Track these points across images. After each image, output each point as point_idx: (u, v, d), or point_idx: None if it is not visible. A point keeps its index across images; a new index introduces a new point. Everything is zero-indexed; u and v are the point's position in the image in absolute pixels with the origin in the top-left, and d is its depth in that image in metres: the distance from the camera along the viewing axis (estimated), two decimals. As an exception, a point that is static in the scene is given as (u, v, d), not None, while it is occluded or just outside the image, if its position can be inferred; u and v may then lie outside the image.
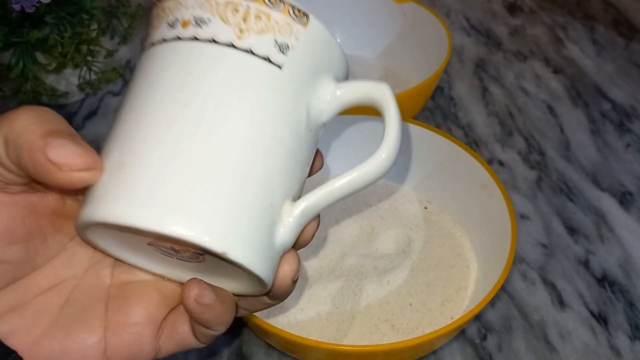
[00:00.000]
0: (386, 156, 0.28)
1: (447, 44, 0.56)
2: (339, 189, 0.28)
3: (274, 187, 0.25)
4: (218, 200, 0.23)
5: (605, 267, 0.48)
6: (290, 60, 0.26)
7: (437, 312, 0.42)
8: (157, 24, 0.26)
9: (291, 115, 0.26)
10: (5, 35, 0.52)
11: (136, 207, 0.22)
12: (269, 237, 0.25)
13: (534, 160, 0.57)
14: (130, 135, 0.24)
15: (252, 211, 0.24)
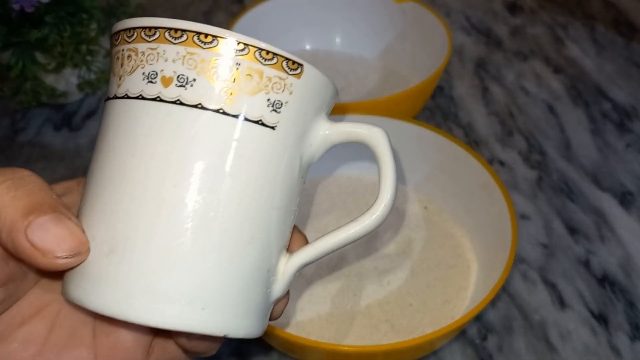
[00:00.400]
0: (383, 209, 0.27)
1: (447, 44, 0.56)
2: (332, 246, 0.26)
3: (271, 253, 0.24)
4: (217, 287, 0.23)
5: (605, 267, 0.48)
6: (284, 118, 0.24)
7: (438, 312, 0.42)
8: (131, 70, 0.23)
9: (285, 175, 0.24)
10: (5, 35, 0.52)
11: (133, 303, 0.22)
12: (265, 300, 0.25)
13: (535, 160, 0.57)
14: (115, 214, 0.22)
15: (250, 286, 0.24)
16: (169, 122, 0.22)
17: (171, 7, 0.78)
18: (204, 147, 0.22)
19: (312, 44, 0.66)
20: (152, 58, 0.23)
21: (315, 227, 0.48)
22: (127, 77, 0.23)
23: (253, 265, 0.24)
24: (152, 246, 0.22)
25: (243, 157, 0.23)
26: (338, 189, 0.51)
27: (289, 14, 0.64)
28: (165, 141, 0.22)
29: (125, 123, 0.23)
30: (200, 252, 0.22)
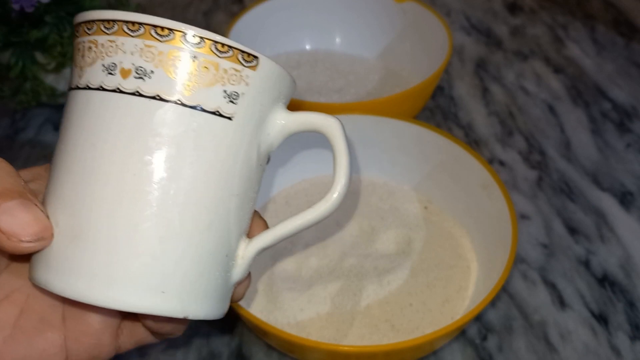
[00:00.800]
0: (336, 197, 0.27)
1: (448, 44, 0.56)
2: (291, 230, 0.28)
3: (230, 239, 0.25)
4: (177, 272, 0.24)
5: (605, 267, 0.48)
6: (240, 109, 0.25)
7: (438, 312, 0.42)
8: (91, 61, 0.24)
9: (243, 164, 0.25)
10: (5, 35, 0.52)
11: (96, 287, 0.23)
12: (224, 284, 0.26)
13: (535, 160, 0.57)
14: (77, 202, 0.23)
15: (209, 271, 0.25)
16: (128, 113, 0.23)
17: (171, 7, 0.78)
18: (162, 137, 0.23)
19: (312, 44, 0.66)
20: (111, 50, 0.24)
21: (315, 227, 0.48)
22: (87, 69, 0.24)
23: (212, 250, 0.25)
24: (112, 233, 0.23)
25: (201, 146, 0.24)
26: (338, 189, 0.51)
27: (289, 14, 0.64)
28: (124, 131, 0.23)
29: (87, 113, 0.24)
30: (160, 239, 0.23)
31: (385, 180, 0.52)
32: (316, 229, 0.48)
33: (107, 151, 0.23)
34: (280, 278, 0.44)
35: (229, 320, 0.45)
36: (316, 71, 0.63)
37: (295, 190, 0.51)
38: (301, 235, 0.47)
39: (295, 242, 0.47)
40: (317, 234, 0.47)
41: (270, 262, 0.46)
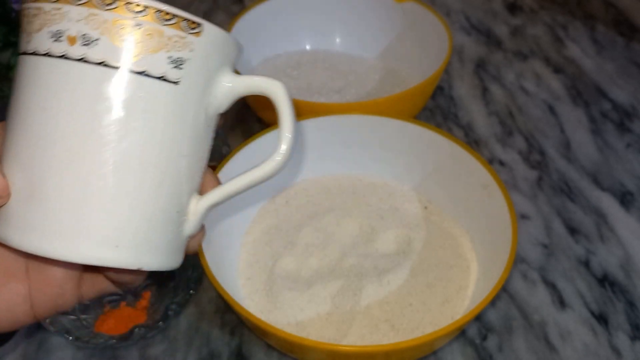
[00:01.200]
0: (281, 158, 0.29)
1: (448, 44, 0.56)
2: (238, 188, 0.29)
3: (180, 196, 0.27)
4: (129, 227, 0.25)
5: (605, 267, 0.48)
6: (186, 74, 0.25)
7: (438, 312, 0.42)
8: (38, 27, 0.25)
9: (191, 126, 0.26)
10: (5, 35, 0.52)
11: (52, 241, 0.24)
12: (177, 238, 0.27)
13: (535, 160, 0.57)
14: (31, 163, 0.25)
15: (161, 226, 0.26)
16: (75, 79, 0.24)
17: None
18: (109, 102, 0.24)
19: (312, 44, 0.66)
20: (57, 17, 0.24)
21: (315, 227, 0.48)
22: (35, 35, 0.25)
23: (162, 207, 0.26)
24: (64, 193, 0.24)
25: (148, 111, 0.25)
26: (338, 189, 0.51)
27: (289, 14, 0.64)
28: (73, 97, 0.24)
29: (36, 79, 0.25)
30: (111, 197, 0.24)
31: (385, 180, 0.52)
32: (316, 229, 0.48)
33: (57, 115, 0.24)
34: (280, 278, 0.44)
35: (229, 320, 0.45)
36: (316, 71, 0.63)
37: (295, 190, 0.51)
38: (301, 235, 0.47)
39: (295, 242, 0.47)
40: (317, 233, 0.47)
41: (271, 262, 0.46)
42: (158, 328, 0.43)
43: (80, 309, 0.45)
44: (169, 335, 0.44)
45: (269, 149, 0.48)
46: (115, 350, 0.43)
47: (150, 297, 0.46)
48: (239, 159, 0.46)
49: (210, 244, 0.41)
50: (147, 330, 0.42)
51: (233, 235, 0.47)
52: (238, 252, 0.47)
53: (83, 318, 0.44)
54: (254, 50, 0.62)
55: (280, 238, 0.47)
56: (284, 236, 0.47)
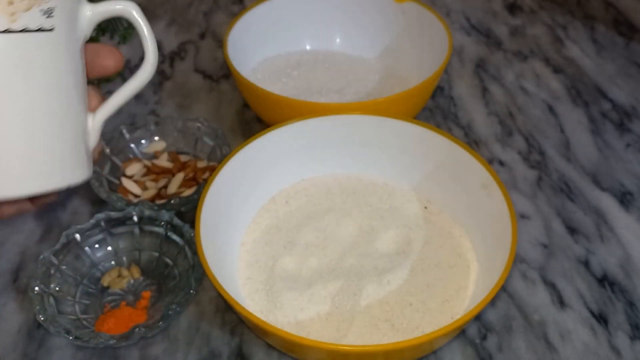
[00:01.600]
0: (151, 66, 0.35)
1: (447, 44, 0.56)
2: (121, 99, 0.36)
3: (81, 119, 0.33)
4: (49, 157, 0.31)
5: (605, 267, 0.48)
6: (57, 20, 0.30)
7: (437, 312, 0.42)
8: None
9: (71, 60, 0.32)
10: None
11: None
12: (87, 152, 0.33)
13: (534, 160, 0.57)
14: None
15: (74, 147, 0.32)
16: None
17: (171, 7, 0.78)
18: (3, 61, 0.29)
19: (312, 44, 0.66)
20: None
21: (315, 227, 0.48)
22: None
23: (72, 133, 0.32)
24: None
25: (33, 61, 0.29)
26: (338, 189, 0.51)
27: (289, 14, 0.64)
28: None
29: None
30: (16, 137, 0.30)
31: (385, 180, 0.52)
32: (316, 229, 0.48)
33: None
34: (281, 278, 0.44)
35: (229, 319, 0.45)
36: (316, 71, 0.63)
37: (295, 190, 0.51)
38: (301, 235, 0.47)
39: (295, 242, 0.47)
40: (317, 233, 0.47)
41: (271, 262, 0.46)
42: (158, 328, 0.43)
43: (81, 310, 0.45)
44: (169, 335, 0.44)
45: (269, 149, 0.48)
46: (115, 350, 0.43)
47: (150, 297, 0.46)
48: (239, 159, 0.46)
49: (210, 244, 0.41)
50: (148, 330, 0.42)
51: (233, 235, 0.47)
52: (238, 252, 0.47)
53: (83, 318, 0.44)
54: (254, 50, 0.63)
55: (280, 238, 0.47)
56: (284, 236, 0.48)
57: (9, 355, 0.43)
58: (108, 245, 0.48)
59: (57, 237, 0.47)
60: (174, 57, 0.70)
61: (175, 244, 0.47)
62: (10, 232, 0.51)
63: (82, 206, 0.53)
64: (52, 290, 0.44)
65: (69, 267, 0.46)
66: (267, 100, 0.53)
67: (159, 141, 0.57)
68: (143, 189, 0.53)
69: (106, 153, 0.54)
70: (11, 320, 0.45)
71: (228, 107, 0.63)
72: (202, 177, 0.54)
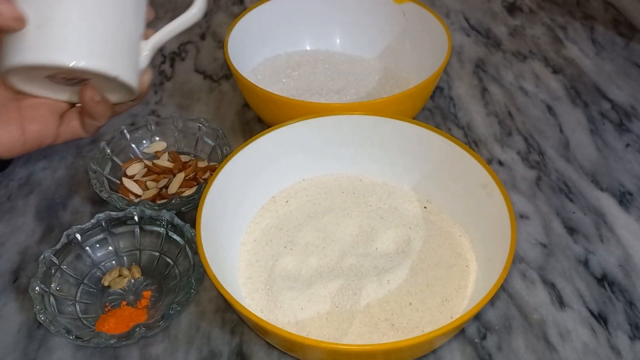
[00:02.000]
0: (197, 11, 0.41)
1: (447, 44, 0.56)
2: (170, 32, 0.41)
3: (134, 34, 0.38)
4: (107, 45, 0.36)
5: (605, 266, 0.48)
6: None
7: (437, 311, 0.42)
8: None
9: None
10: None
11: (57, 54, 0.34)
12: (136, 65, 0.39)
13: (534, 160, 0.57)
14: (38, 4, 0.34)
15: (127, 51, 0.38)
16: None
17: (172, 7, 0.78)
18: None
19: (312, 44, 0.66)
20: None
21: (315, 227, 0.48)
22: None
23: (125, 37, 0.37)
24: (63, 23, 0.35)
25: None
26: (338, 189, 0.51)
27: (289, 15, 0.64)
28: None
29: None
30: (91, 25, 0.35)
31: (385, 180, 0.52)
32: (316, 229, 0.48)
33: None
34: (281, 277, 0.44)
35: (230, 319, 0.45)
36: (316, 71, 0.63)
37: (295, 189, 0.51)
38: (301, 235, 0.47)
39: (295, 241, 0.47)
40: (317, 233, 0.47)
41: (271, 262, 0.46)
42: (159, 327, 0.43)
43: (81, 309, 0.45)
44: (169, 335, 0.44)
45: (269, 149, 0.48)
46: (115, 349, 0.43)
47: (151, 296, 0.46)
48: (239, 159, 0.46)
49: (211, 244, 0.41)
50: (148, 329, 0.42)
51: (233, 234, 0.47)
52: (238, 252, 0.47)
53: (83, 318, 0.44)
54: (254, 50, 0.63)
55: (280, 237, 0.48)
56: (284, 236, 0.48)
57: (9, 354, 0.43)
58: (109, 245, 0.48)
59: (57, 236, 0.47)
60: (174, 58, 0.70)
61: (176, 243, 0.48)
62: (11, 231, 0.51)
63: (83, 206, 0.53)
64: (53, 290, 0.44)
65: (70, 266, 0.46)
66: (267, 100, 0.53)
67: (160, 141, 0.57)
68: (144, 189, 0.53)
69: (107, 153, 0.54)
70: (11, 320, 0.45)
71: (228, 107, 0.63)
72: (202, 177, 0.54)
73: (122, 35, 0.37)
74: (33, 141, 0.38)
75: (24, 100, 0.38)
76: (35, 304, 0.42)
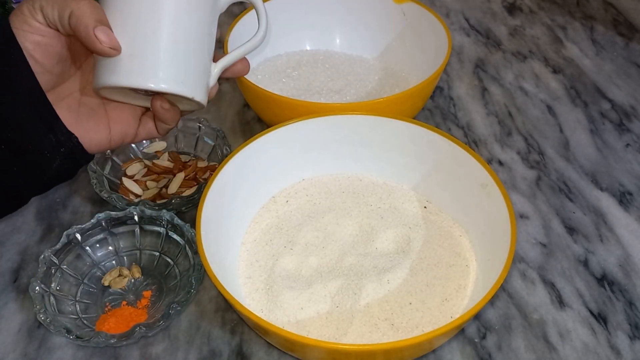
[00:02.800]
0: (263, 34, 0.44)
1: (447, 44, 0.56)
2: (237, 55, 0.44)
3: (209, 58, 0.42)
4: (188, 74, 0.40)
5: (604, 266, 0.48)
6: None
7: (437, 311, 0.42)
8: None
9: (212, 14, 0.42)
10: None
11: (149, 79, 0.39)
12: (207, 84, 0.42)
13: (533, 160, 0.58)
14: (130, 34, 0.39)
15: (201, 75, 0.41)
16: None
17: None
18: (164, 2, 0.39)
19: (312, 44, 0.66)
20: None
21: (315, 226, 0.48)
22: None
23: (200, 63, 0.41)
24: (154, 52, 0.39)
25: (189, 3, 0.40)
26: (338, 189, 0.51)
27: (289, 15, 0.64)
28: None
29: None
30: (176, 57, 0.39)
31: (385, 180, 0.52)
32: (316, 229, 0.48)
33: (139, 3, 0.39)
34: (281, 277, 0.44)
35: (230, 319, 0.45)
36: (316, 71, 0.63)
37: (295, 189, 0.51)
38: (301, 235, 0.47)
39: (295, 241, 0.47)
40: (317, 233, 0.48)
41: (271, 262, 0.46)
42: (159, 327, 0.43)
43: (81, 309, 0.45)
44: (169, 334, 0.44)
45: (269, 149, 0.48)
46: (115, 349, 0.43)
47: (151, 296, 0.46)
48: (239, 159, 0.47)
49: (211, 244, 0.41)
50: (148, 329, 0.42)
51: (233, 234, 0.47)
52: (238, 251, 0.47)
53: (84, 317, 0.44)
54: (254, 50, 0.63)
55: (281, 237, 0.48)
56: (284, 235, 0.48)
57: (9, 354, 0.43)
58: (109, 245, 0.48)
59: (58, 236, 0.47)
60: (174, 58, 0.70)
61: (176, 243, 0.48)
62: (11, 231, 0.51)
63: (83, 206, 0.53)
64: (53, 290, 0.44)
65: (70, 266, 0.46)
66: (267, 100, 0.53)
67: (160, 141, 0.57)
68: (144, 189, 0.53)
69: (107, 153, 0.54)
70: (12, 320, 0.45)
71: (228, 107, 0.63)
72: (202, 177, 0.54)
73: (198, 62, 0.41)
74: (117, 139, 0.42)
75: (110, 104, 0.42)
76: (35, 303, 0.42)
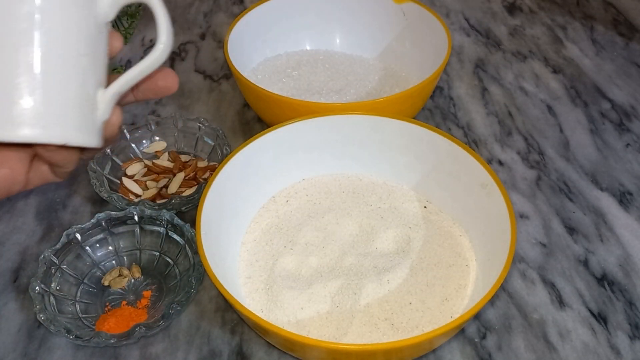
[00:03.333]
0: (164, 47, 0.34)
1: (447, 44, 0.56)
2: (132, 78, 0.35)
3: (87, 87, 0.33)
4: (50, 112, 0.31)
5: (604, 266, 0.48)
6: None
7: (437, 311, 0.42)
8: None
9: (86, 32, 0.32)
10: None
11: None
12: (93, 121, 0.33)
13: (533, 160, 0.58)
14: None
15: (77, 110, 0.32)
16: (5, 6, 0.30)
17: (172, 7, 0.78)
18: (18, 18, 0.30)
19: (312, 44, 0.66)
20: None
21: (315, 226, 0.48)
22: None
23: (75, 95, 0.32)
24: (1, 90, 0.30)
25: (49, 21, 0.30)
26: (338, 189, 0.51)
27: (289, 15, 0.64)
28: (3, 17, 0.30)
29: None
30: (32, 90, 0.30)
31: (385, 179, 0.52)
32: (316, 228, 0.48)
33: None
34: (281, 277, 0.45)
35: (230, 319, 0.45)
36: (316, 71, 0.63)
37: (295, 189, 0.51)
38: (301, 235, 0.47)
39: (295, 241, 0.47)
40: (317, 233, 0.48)
41: (271, 261, 0.46)
42: (159, 327, 0.43)
43: (81, 309, 0.45)
44: (169, 334, 0.44)
45: (269, 149, 0.48)
46: (115, 349, 0.43)
47: (151, 296, 0.46)
48: (239, 159, 0.47)
49: (211, 244, 0.41)
50: (148, 329, 0.42)
51: (233, 234, 0.47)
52: (238, 251, 0.47)
53: (84, 317, 0.44)
54: (254, 50, 0.63)
55: (281, 237, 0.48)
56: (284, 235, 0.48)
57: (9, 354, 0.43)
58: (109, 245, 0.48)
59: (57, 236, 0.47)
60: (174, 58, 0.70)
61: (176, 243, 0.48)
62: (11, 231, 0.51)
63: (83, 206, 0.53)
64: (53, 290, 0.44)
65: (70, 266, 0.46)
66: (267, 100, 0.53)
67: (160, 141, 0.57)
68: (144, 189, 0.53)
69: (107, 153, 0.54)
70: (12, 320, 0.45)
71: (228, 107, 0.63)
72: (202, 177, 0.54)
73: (72, 94, 0.32)
74: (1, 189, 0.33)
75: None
76: (35, 303, 0.42)
